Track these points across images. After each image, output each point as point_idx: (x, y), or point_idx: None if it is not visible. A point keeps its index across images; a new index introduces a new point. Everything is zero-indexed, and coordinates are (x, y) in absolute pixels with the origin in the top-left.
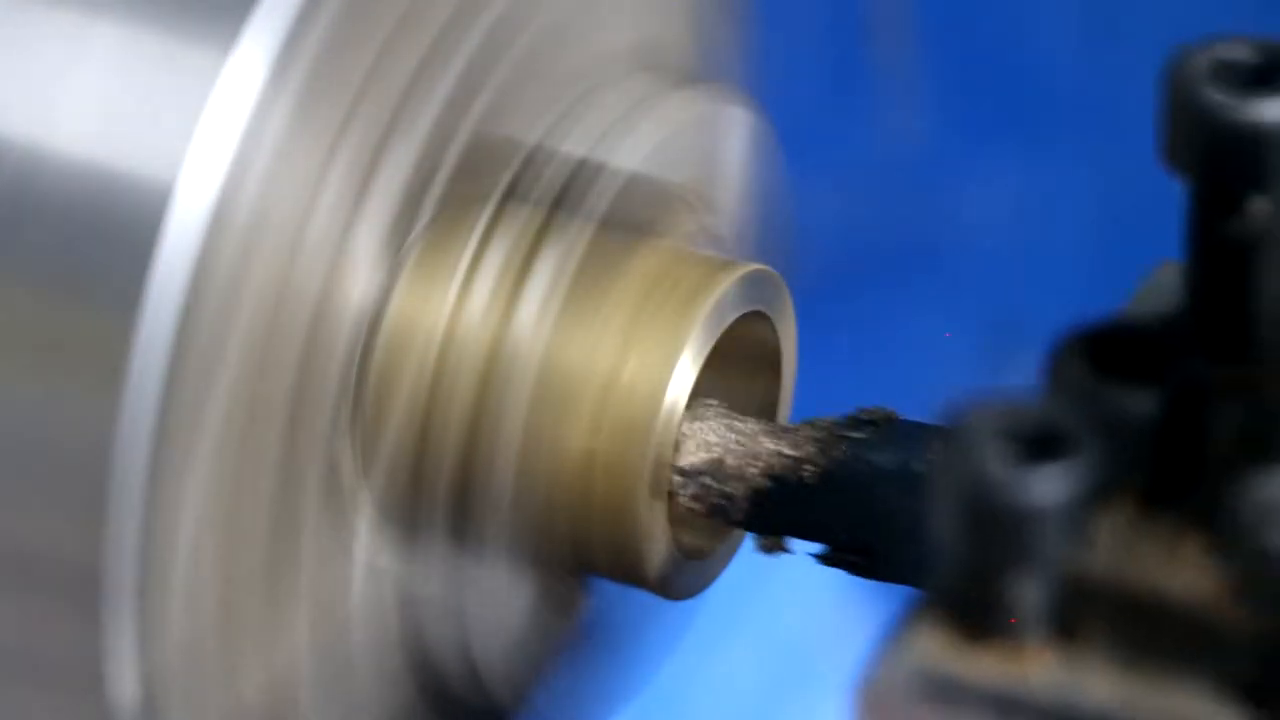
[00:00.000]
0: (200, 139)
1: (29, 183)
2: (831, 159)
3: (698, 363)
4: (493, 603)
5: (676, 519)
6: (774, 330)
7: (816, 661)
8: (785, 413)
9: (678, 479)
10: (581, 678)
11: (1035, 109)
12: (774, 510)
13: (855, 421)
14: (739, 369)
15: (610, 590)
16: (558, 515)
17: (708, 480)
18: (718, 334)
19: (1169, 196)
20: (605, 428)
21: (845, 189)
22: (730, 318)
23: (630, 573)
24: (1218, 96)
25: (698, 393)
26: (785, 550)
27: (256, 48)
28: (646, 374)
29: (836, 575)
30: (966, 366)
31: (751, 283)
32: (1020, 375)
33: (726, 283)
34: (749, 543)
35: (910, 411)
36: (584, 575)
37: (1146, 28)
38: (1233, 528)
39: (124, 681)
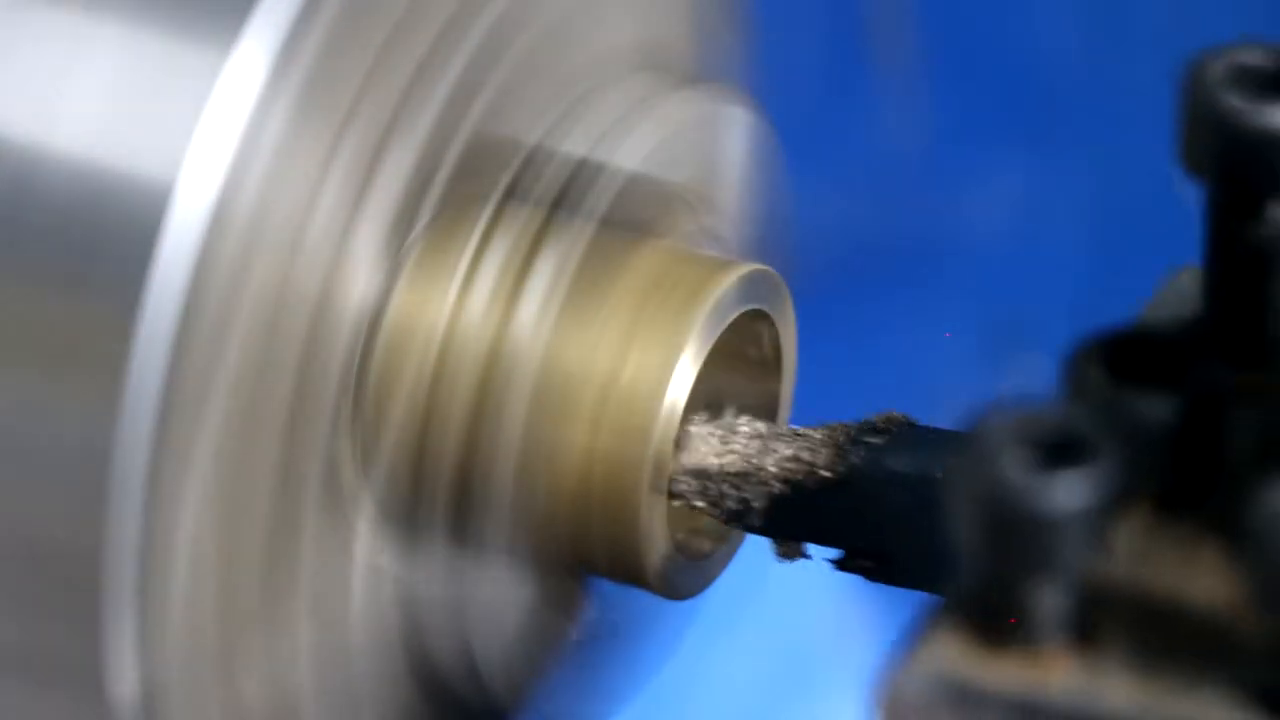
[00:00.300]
0: (200, 139)
1: (29, 183)
2: (831, 159)
3: (698, 363)
4: (493, 603)
5: (676, 519)
6: (774, 330)
7: (816, 661)
8: (785, 413)
9: (693, 483)
10: (581, 678)
11: (1036, 109)
12: (791, 515)
13: (871, 426)
14: (739, 368)
15: (610, 590)
16: (558, 515)
17: (725, 486)
18: (718, 334)
19: (1170, 197)
20: (605, 428)
21: (845, 189)
22: (730, 317)
23: (630, 573)
24: (1235, 101)
25: (698, 393)
26: (803, 555)
27: (256, 48)
28: (646, 374)
29: (837, 576)
30: (966, 367)
31: (751, 282)
32: (1020, 376)
33: (726, 283)
34: (749, 543)
35: (910, 411)
36: (584, 575)
37: (1149, 28)
38: (1250, 534)
39: (124, 681)
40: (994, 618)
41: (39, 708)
